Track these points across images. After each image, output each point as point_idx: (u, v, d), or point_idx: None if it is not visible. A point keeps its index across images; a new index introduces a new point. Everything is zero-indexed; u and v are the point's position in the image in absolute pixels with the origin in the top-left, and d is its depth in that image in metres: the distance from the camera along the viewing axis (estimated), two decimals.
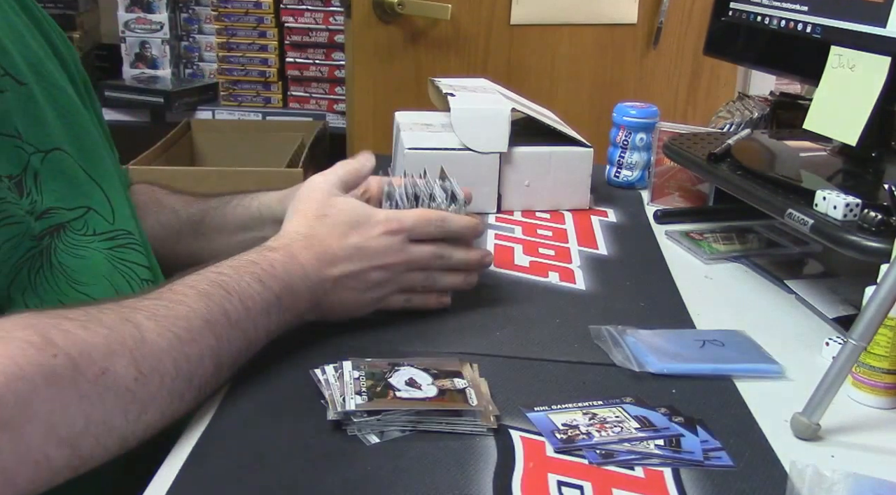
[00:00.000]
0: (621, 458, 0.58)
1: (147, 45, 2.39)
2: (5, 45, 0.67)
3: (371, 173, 0.81)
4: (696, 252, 0.96)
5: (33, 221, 0.65)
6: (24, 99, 0.67)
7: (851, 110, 0.81)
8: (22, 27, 0.72)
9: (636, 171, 1.18)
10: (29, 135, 0.67)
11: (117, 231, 0.73)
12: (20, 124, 0.66)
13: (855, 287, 0.77)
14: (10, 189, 0.63)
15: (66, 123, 0.72)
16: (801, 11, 0.91)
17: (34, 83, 0.69)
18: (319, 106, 2.37)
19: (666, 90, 1.98)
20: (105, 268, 0.70)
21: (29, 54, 0.70)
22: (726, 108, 1.33)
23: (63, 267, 0.67)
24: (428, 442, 0.58)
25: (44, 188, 0.67)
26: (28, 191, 0.65)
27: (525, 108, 1.10)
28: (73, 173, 0.71)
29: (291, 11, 2.30)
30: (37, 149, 0.67)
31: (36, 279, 0.65)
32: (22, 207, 0.64)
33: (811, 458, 0.56)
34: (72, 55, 0.80)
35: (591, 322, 0.76)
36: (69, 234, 0.69)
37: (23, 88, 0.67)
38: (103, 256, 0.71)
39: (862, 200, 0.74)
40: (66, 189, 0.69)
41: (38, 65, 0.71)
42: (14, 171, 0.65)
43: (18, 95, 0.67)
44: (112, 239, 0.73)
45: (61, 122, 0.71)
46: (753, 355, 0.72)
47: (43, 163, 0.68)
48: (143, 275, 0.74)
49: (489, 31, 1.80)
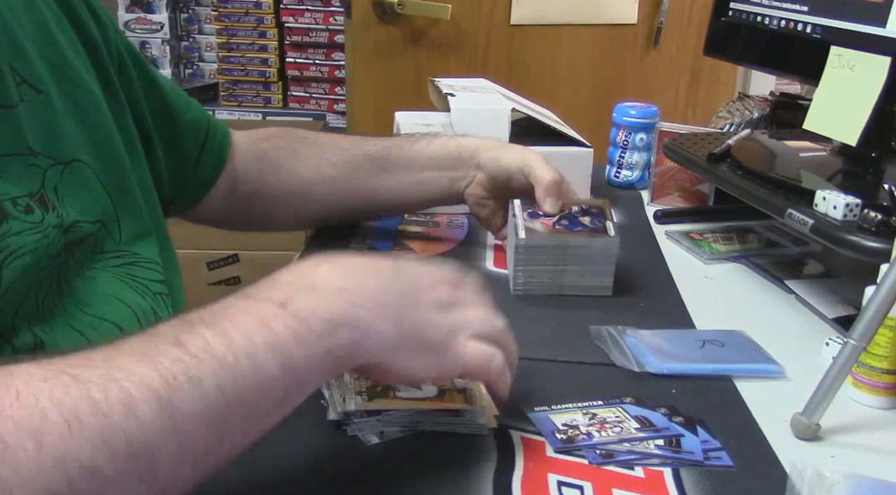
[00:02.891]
0: (621, 458, 0.58)
1: (147, 45, 2.39)
2: (26, 49, 0.63)
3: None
4: (696, 252, 0.96)
5: (60, 235, 0.62)
6: (41, 109, 0.63)
7: (851, 110, 0.81)
8: (50, 18, 0.67)
9: (636, 171, 1.18)
10: (45, 147, 0.63)
11: (124, 252, 0.70)
12: (34, 138, 0.62)
13: (855, 287, 0.77)
14: (27, 209, 0.59)
15: (87, 130, 0.68)
16: (801, 11, 0.91)
17: (54, 87, 0.65)
18: (319, 106, 2.37)
19: (666, 90, 1.98)
20: (113, 287, 0.67)
21: (53, 54, 0.66)
22: (726, 108, 1.33)
23: (72, 288, 0.63)
24: (428, 442, 0.58)
25: (66, 201, 0.63)
26: (53, 206, 0.62)
27: (525, 108, 1.10)
28: (92, 185, 0.67)
29: (291, 11, 2.30)
30: (55, 162, 0.63)
31: (45, 302, 0.60)
32: (48, 223, 0.61)
33: (811, 458, 0.56)
34: (107, 38, 0.74)
35: (591, 322, 0.76)
36: (83, 252, 0.65)
37: (41, 97, 0.63)
38: (112, 274, 0.67)
39: (862, 200, 0.74)
40: (86, 202, 0.65)
41: (62, 65, 0.67)
42: (32, 189, 0.61)
43: (35, 106, 0.63)
44: (119, 257, 0.69)
45: (81, 128, 0.67)
46: (753, 355, 0.72)
47: (62, 175, 0.64)
48: (156, 289, 0.71)
49: (489, 31, 1.80)
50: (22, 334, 0.57)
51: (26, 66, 0.63)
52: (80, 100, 0.68)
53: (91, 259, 0.66)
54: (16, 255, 0.57)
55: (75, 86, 0.68)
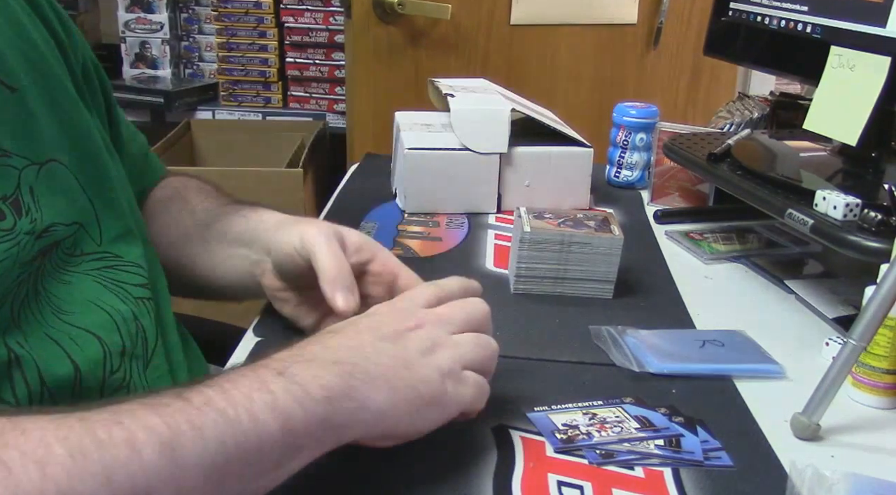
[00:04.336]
0: (621, 458, 0.58)
1: (147, 45, 2.39)
2: (0, 48, 0.61)
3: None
4: (696, 252, 0.96)
5: (33, 241, 0.60)
6: (15, 107, 0.61)
7: (851, 110, 0.81)
8: (23, 16, 0.65)
9: (636, 171, 1.18)
10: (20, 147, 0.60)
11: (104, 254, 0.67)
12: (7, 137, 0.60)
13: (855, 287, 0.77)
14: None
15: (65, 129, 0.66)
16: (801, 11, 0.91)
17: (31, 85, 0.63)
18: (319, 106, 2.37)
19: (666, 90, 1.98)
20: (93, 292, 0.65)
21: (29, 50, 0.64)
22: (726, 108, 1.33)
23: (49, 294, 0.62)
24: (428, 442, 0.58)
25: (41, 203, 0.61)
26: (27, 209, 0.60)
27: (525, 108, 1.10)
28: (69, 185, 0.65)
29: (291, 11, 2.29)
30: (30, 162, 0.61)
31: (20, 313, 0.58)
32: (21, 229, 0.59)
33: (811, 458, 0.56)
34: (73, 40, 0.72)
35: (591, 322, 0.76)
36: (59, 255, 0.63)
37: (14, 95, 0.61)
38: (91, 278, 0.65)
39: (862, 200, 0.74)
40: (63, 203, 0.63)
41: (38, 61, 0.65)
42: (7, 191, 0.59)
43: (8, 104, 0.60)
44: (100, 259, 0.67)
45: (59, 127, 0.65)
46: (753, 355, 0.72)
47: (38, 176, 0.61)
48: (137, 294, 0.68)
49: (489, 31, 1.80)
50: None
51: (0, 65, 0.61)
52: (57, 97, 0.66)
53: (69, 262, 0.64)
54: None
55: (51, 83, 0.66)
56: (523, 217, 0.84)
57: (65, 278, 0.64)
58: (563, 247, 0.82)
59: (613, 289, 0.83)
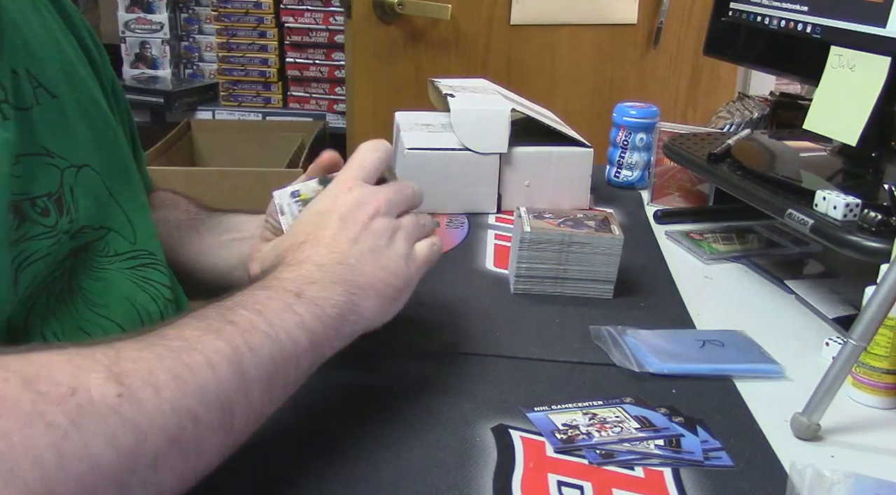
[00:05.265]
0: (621, 458, 0.58)
1: (147, 45, 2.39)
2: (40, 55, 0.64)
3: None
4: (696, 252, 0.96)
5: (67, 240, 0.63)
6: (56, 113, 0.64)
7: (851, 110, 0.81)
8: (57, 30, 0.69)
9: (636, 171, 1.18)
10: (61, 148, 0.64)
11: (139, 251, 0.72)
12: (49, 141, 0.63)
13: (855, 287, 0.77)
14: (44, 211, 0.60)
15: (96, 138, 0.69)
16: (801, 11, 0.91)
17: (67, 94, 0.66)
18: (319, 106, 2.37)
19: (666, 90, 1.98)
20: (126, 288, 0.69)
21: (63, 60, 0.68)
22: (726, 108, 1.33)
23: (83, 290, 0.65)
24: (428, 442, 0.58)
25: (79, 203, 0.65)
26: (67, 209, 0.63)
27: (525, 108, 1.10)
28: (99, 193, 0.68)
29: (291, 11, 2.30)
30: (70, 164, 0.65)
31: (56, 305, 0.62)
32: (60, 228, 0.62)
33: (811, 458, 0.56)
34: (101, 54, 0.77)
35: (591, 322, 0.76)
36: (90, 256, 0.67)
37: (55, 101, 0.64)
38: (125, 276, 0.69)
39: (862, 200, 0.74)
40: (94, 208, 0.67)
41: (71, 72, 0.68)
42: (52, 188, 0.62)
43: (50, 110, 0.64)
44: (134, 258, 0.71)
45: (91, 135, 0.68)
46: (753, 355, 0.72)
47: (76, 178, 0.65)
48: (166, 295, 0.73)
49: (489, 31, 1.80)
50: (33, 336, 0.60)
51: (41, 71, 0.64)
52: (88, 108, 0.70)
53: (102, 262, 0.68)
54: (30, 261, 0.59)
55: (84, 94, 0.69)
56: (523, 217, 0.84)
57: (99, 275, 0.68)
58: (563, 247, 0.82)
59: (613, 289, 0.83)
